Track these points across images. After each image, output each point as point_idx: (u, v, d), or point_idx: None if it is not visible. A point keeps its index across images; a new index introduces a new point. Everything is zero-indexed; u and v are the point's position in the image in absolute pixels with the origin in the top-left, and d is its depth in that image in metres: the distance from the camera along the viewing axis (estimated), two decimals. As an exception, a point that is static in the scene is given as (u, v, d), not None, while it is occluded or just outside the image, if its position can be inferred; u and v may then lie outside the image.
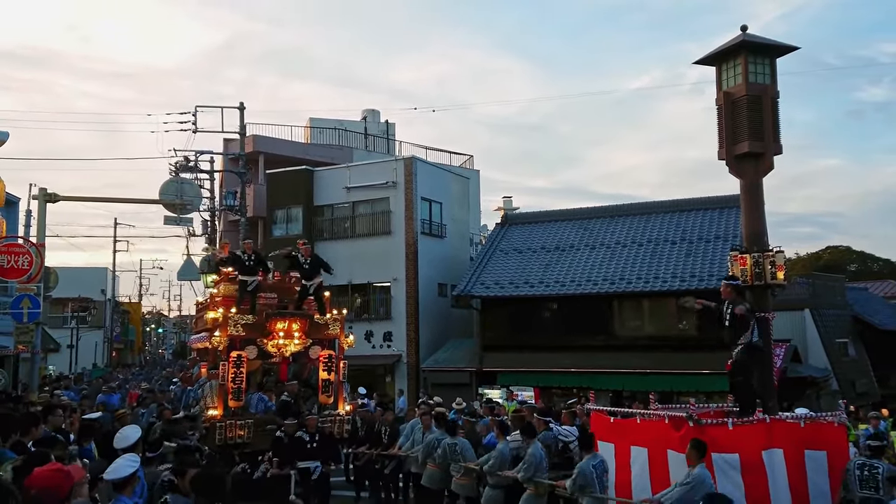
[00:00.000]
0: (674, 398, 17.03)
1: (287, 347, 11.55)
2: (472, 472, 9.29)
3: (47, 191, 15.88)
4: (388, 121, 36.54)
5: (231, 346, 11.04)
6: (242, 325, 11.16)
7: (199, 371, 13.87)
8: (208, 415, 10.97)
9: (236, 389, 10.95)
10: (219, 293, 12.53)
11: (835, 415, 7.56)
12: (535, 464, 8.22)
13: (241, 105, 25.42)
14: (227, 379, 10.90)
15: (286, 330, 11.37)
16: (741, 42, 8.60)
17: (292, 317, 11.57)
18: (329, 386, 12.01)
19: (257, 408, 11.57)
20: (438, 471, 9.78)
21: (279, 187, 26.00)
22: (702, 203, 21.94)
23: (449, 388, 19.58)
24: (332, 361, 12.04)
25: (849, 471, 6.81)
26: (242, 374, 11.04)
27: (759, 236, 8.53)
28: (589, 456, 7.54)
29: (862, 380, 23.82)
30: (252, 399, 11.56)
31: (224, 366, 10.95)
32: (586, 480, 7.35)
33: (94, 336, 41.64)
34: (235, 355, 11.00)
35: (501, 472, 8.72)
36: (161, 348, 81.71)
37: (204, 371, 12.96)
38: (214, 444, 10.65)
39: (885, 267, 48.17)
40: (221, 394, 10.90)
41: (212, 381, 11.65)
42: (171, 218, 21.25)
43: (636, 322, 20.04)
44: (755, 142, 8.48)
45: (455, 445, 9.59)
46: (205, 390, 11.98)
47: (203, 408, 11.62)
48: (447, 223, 25.55)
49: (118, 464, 5.22)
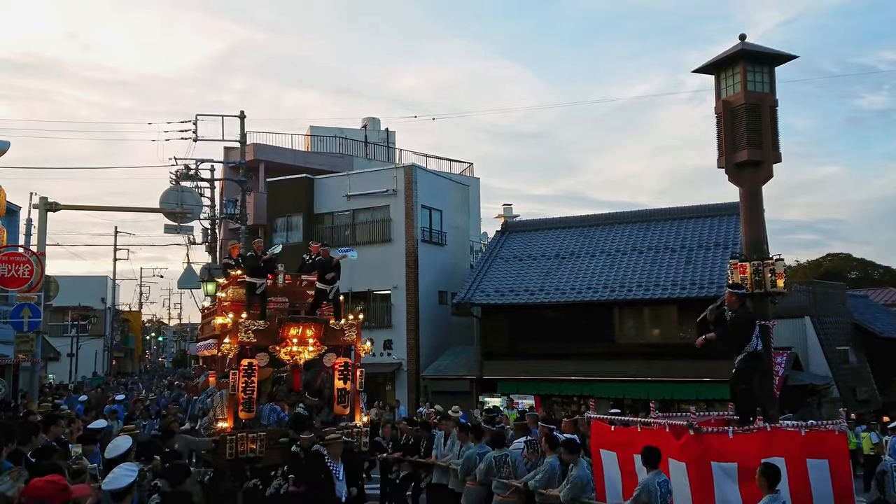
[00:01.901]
0: (674, 406, 17.06)
1: (301, 355, 10.88)
2: (520, 491, 8.18)
3: (48, 200, 15.89)
4: (388, 129, 36.65)
5: (241, 353, 10.45)
6: (254, 332, 10.56)
7: (206, 380, 13.35)
8: (218, 427, 10.38)
9: (247, 400, 10.34)
10: (227, 297, 11.84)
11: (836, 423, 7.52)
12: (580, 485, 7.52)
13: (242, 113, 25.49)
14: (238, 389, 10.28)
15: (300, 336, 10.72)
16: (740, 51, 8.62)
17: (306, 322, 10.91)
18: (345, 396, 11.27)
19: (269, 419, 10.95)
20: (481, 489, 8.65)
21: (279, 195, 26.03)
22: (702, 211, 21.97)
23: (449, 397, 19.56)
24: (348, 370, 11.33)
25: (885, 472, 6.83)
26: (254, 383, 10.42)
27: (759, 244, 8.52)
28: (653, 472, 6.79)
29: (863, 387, 23.78)
30: (263, 410, 10.93)
31: (234, 374, 10.34)
32: (650, 498, 6.62)
33: (95, 344, 41.61)
34: (246, 363, 10.38)
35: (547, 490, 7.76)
36: (161, 357, 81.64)
37: (212, 380, 12.45)
38: (224, 458, 10.05)
39: (886, 274, 48.18)
40: (231, 404, 10.32)
41: (221, 390, 11.06)
42: (171, 226, 21.30)
43: (636, 330, 20.02)
44: (754, 150, 8.48)
45: (504, 458, 8.47)
46: (213, 401, 11.33)
47: (212, 419, 11.03)
48: (447, 231, 25.57)
49: (116, 473, 5.13)
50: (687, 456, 7.20)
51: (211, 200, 27.97)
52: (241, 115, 25.47)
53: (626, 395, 18.48)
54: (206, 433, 10.76)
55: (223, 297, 12.04)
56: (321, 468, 9.40)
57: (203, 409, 12.16)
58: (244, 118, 25.45)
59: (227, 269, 12.35)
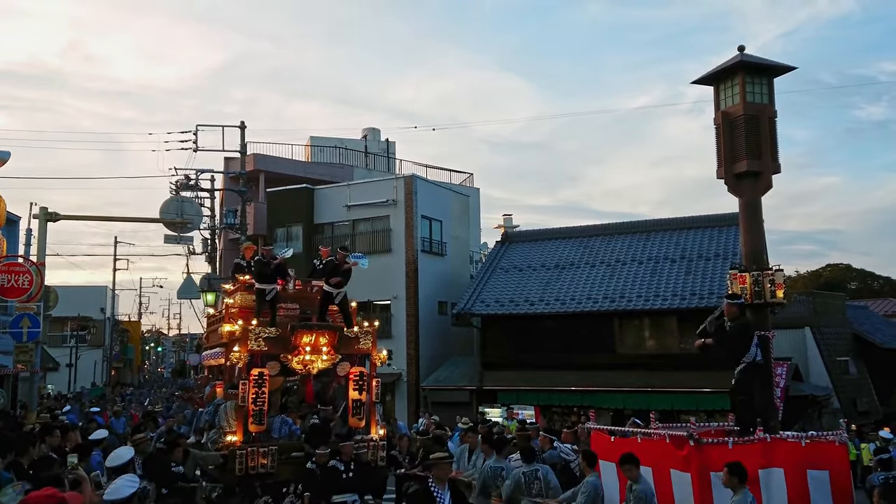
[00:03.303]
0: (675, 417, 17.01)
1: (314, 364, 10.34)
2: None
3: (48, 210, 15.91)
4: (389, 139, 36.77)
5: (251, 362, 9.92)
6: (264, 339, 10.06)
7: (212, 391, 12.77)
8: (227, 440, 9.88)
9: (258, 412, 9.78)
10: (235, 303, 11.26)
11: (836, 434, 7.52)
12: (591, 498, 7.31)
13: (242, 124, 25.56)
14: (248, 400, 9.73)
15: (313, 344, 10.21)
16: (738, 62, 8.66)
17: (320, 329, 10.37)
18: (361, 407, 10.72)
19: (280, 432, 10.43)
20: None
21: (280, 206, 26.06)
22: (701, 221, 21.99)
23: (449, 407, 19.50)
24: (363, 379, 10.80)
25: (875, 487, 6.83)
26: (264, 394, 9.86)
27: (759, 254, 8.54)
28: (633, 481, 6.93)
29: (863, 398, 23.72)
30: (274, 423, 10.42)
31: (244, 385, 9.79)
32: None
33: (94, 355, 41.53)
34: (257, 373, 9.84)
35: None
36: (160, 367, 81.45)
37: (219, 391, 11.87)
38: (234, 473, 9.53)
39: (886, 285, 48.16)
40: (241, 417, 9.82)
41: (229, 402, 10.57)
42: (171, 236, 21.33)
43: (636, 340, 19.99)
44: (753, 161, 8.52)
45: (534, 473, 7.63)
46: (221, 413, 10.75)
47: (219, 432, 10.49)
48: (447, 241, 25.58)
49: (118, 484, 5.13)
50: (691, 467, 7.20)
51: (211, 211, 28.06)
52: (242, 125, 25.54)
53: (626, 406, 18.41)
54: (214, 447, 10.33)
55: (231, 302, 11.50)
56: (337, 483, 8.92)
57: (209, 421, 11.62)
58: (244, 129, 25.51)
59: (238, 271, 11.72)
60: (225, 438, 9.99)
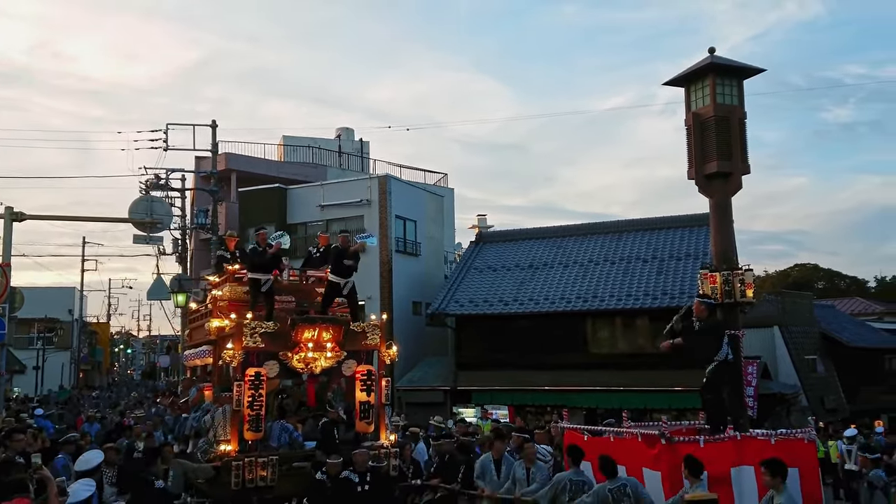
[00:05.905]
0: (647, 416, 17.15)
1: (317, 362, 9.35)
2: None
3: (13, 209, 15.59)
4: (363, 139, 36.58)
5: (247, 361, 8.92)
6: (261, 335, 9.03)
7: (198, 394, 11.55)
8: (220, 450, 8.87)
9: (254, 417, 8.75)
10: (223, 296, 10.19)
11: (804, 431, 7.62)
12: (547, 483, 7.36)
13: (214, 123, 25.29)
14: (244, 404, 8.71)
15: (316, 340, 9.23)
16: (709, 64, 8.75)
17: (323, 324, 9.34)
18: (369, 410, 9.66)
19: (280, 440, 9.39)
20: None
21: (252, 205, 25.82)
22: (672, 222, 22.21)
23: (423, 408, 19.47)
24: (371, 379, 9.74)
25: None
26: (262, 396, 8.87)
27: (729, 254, 8.64)
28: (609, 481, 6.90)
29: (831, 396, 24.14)
30: (273, 429, 9.38)
31: (238, 387, 8.77)
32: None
33: (61, 357, 40.76)
34: (253, 373, 8.83)
35: None
36: (130, 369, 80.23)
37: (207, 394, 10.79)
38: (229, 487, 8.45)
39: (852, 284, 49.14)
40: (235, 423, 8.80)
41: (222, 406, 9.50)
42: (140, 237, 20.97)
43: (609, 340, 20.12)
44: (723, 161, 8.61)
45: (622, 489, 6.77)
46: (212, 419, 9.68)
47: (210, 441, 9.45)
48: (422, 241, 25.54)
49: (74, 488, 5.08)
50: (661, 465, 7.25)
51: (181, 210, 27.67)
52: (213, 124, 25.26)
53: (598, 405, 18.53)
54: (205, 458, 9.27)
55: (219, 295, 10.44)
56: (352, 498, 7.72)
57: (196, 428, 10.54)
58: (216, 127, 25.24)
59: (222, 264, 10.87)
60: (217, 448, 9.03)
